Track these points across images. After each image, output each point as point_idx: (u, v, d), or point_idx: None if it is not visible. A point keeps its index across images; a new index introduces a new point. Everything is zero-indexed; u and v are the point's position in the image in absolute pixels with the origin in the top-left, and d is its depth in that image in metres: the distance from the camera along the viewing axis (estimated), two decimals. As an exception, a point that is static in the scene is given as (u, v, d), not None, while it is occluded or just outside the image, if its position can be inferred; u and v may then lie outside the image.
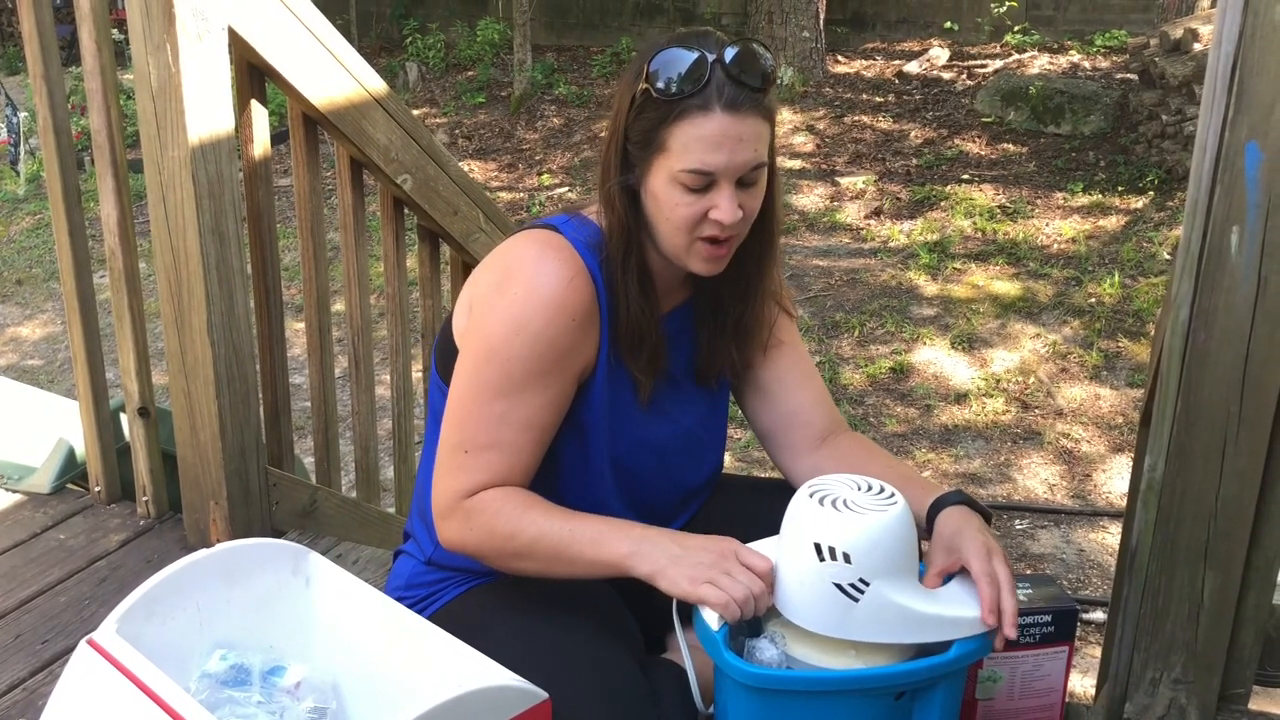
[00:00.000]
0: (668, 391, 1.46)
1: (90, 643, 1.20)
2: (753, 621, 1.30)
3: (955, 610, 1.23)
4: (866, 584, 1.18)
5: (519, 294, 1.31)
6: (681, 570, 1.22)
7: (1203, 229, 1.35)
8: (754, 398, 1.55)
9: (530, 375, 1.31)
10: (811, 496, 1.22)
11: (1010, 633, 1.21)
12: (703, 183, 1.27)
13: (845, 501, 1.21)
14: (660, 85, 1.25)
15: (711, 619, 1.22)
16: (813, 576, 1.20)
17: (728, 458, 2.81)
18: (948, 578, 1.27)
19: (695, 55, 1.25)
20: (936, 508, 1.32)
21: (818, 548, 1.19)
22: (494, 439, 1.32)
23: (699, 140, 1.25)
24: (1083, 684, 2.87)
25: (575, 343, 1.33)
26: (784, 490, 1.33)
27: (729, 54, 1.25)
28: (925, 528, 1.32)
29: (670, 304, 1.45)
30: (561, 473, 1.41)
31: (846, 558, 1.18)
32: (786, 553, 1.23)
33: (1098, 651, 2.92)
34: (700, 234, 1.31)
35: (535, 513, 1.30)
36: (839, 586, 1.18)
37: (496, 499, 1.31)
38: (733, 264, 1.39)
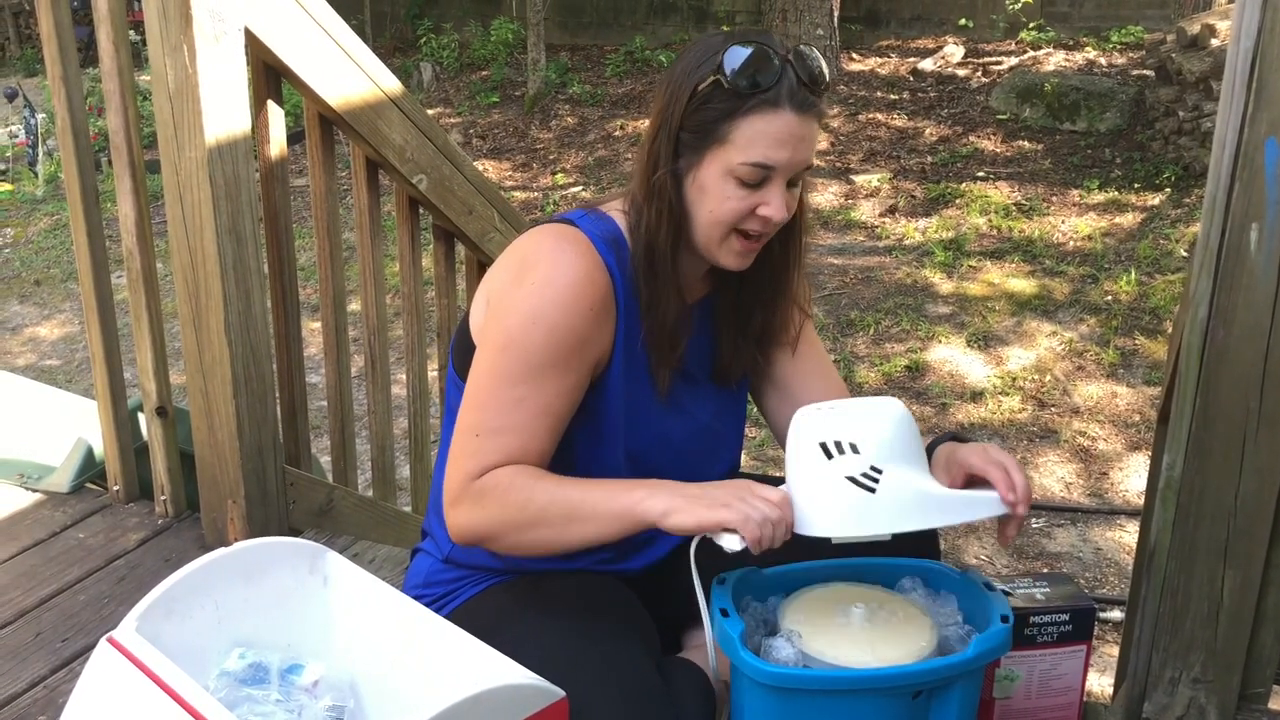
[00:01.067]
0: (684, 387, 1.46)
1: (110, 641, 1.21)
2: (769, 620, 1.30)
3: (973, 491, 1.24)
4: (879, 471, 1.18)
5: (536, 284, 1.32)
6: (696, 504, 1.22)
7: (1221, 225, 1.34)
8: (773, 397, 1.55)
9: (547, 363, 1.31)
10: (808, 411, 1.25)
11: (1022, 509, 1.23)
12: (759, 177, 1.29)
13: (841, 407, 1.24)
14: (733, 78, 1.27)
15: (733, 543, 1.19)
16: (825, 479, 1.20)
17: (743, 456, 2.80)
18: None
19: (770, 53, 1.27)
20: (929, 451, 1.35)
21: (824, 447, 1.19)
22: (507, 422, 1.32)
23: (764, 135, 1.27)
24: (1100, 683, 2.86)
25: (592, 333, 1.33)
26: None
27: (799, 56, 1.28)
28: None
29: (689, 299, 1.45)
30: (577, 467, 1.42)
31: (854, 448, 1.18)
32: (795, 470, 1.23)
33: (1115, 650, 2.90)
34: (742, 228, 1.32)
35: (547, 481, 1.30)
36: (853, 480, 1.18)
37: (507, 474, 1.31)
38: (760, 265, 1.40)
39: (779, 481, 1.27)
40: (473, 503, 1.31)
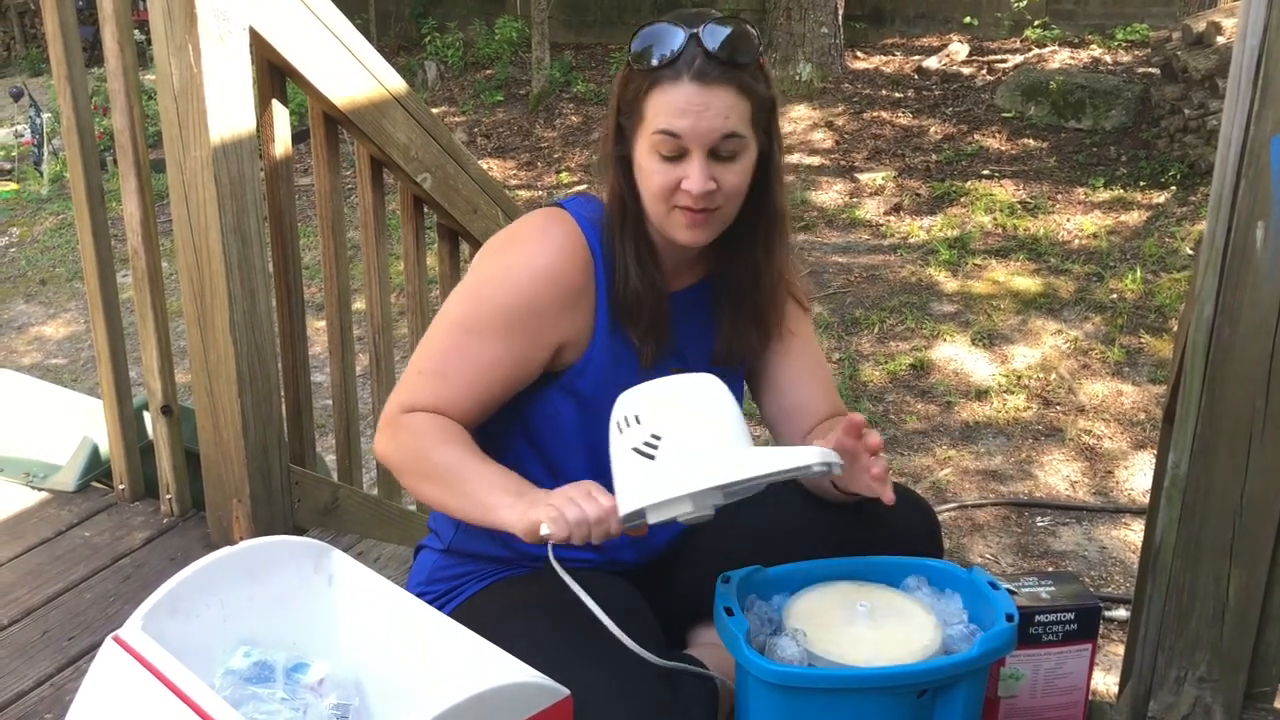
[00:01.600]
0: (678, 371, 1.47)
1: (116, 639, 1.21)
2: (774, 619, 1.30)
3: (789, 446, 1.25)
4: (658, 438, 1.20)
5: (515, 259, 1.39)
6: (531, 509, 1.24)
7: (1227, 224, 1.34)
8: (764, 388, 1.57)
9: (501, 324, 1.36)
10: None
11: (858, 417, 1.26)
12: (674, 149, 1.32)
13: (645, 385, 1.25)
14: (638, 58, 1.32)
15: (547, 533, 1.21)
16: (618, 455, 1.22)
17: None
18: None
19: (672, 30, 1.31)
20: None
21: (616, 424, 1.23)
22: (446, 368, 1.38)
23: (666, 106, 1.31)
24: (1105, 681, 2.86)
25: (557, 312, 1.38)
26: (796, 481, 1.33)
27: (706, 30, 1.30)
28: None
29: (682, 282, 1.48)
30: (567, 444, 1.43)
31: (637, 419, 1.21)
32: (610, 456, 1.26)
33: (1120, 649, 2.90)
34: (675, 203, 1.35)
35: (456, 445, 1.35)
36: (636, 450, 1.20)
37: (427, 421, 1.37)
38: (741, 249, 1.41)
39: (779, 482, 1.27)
40: (392, 433, 1.39)
